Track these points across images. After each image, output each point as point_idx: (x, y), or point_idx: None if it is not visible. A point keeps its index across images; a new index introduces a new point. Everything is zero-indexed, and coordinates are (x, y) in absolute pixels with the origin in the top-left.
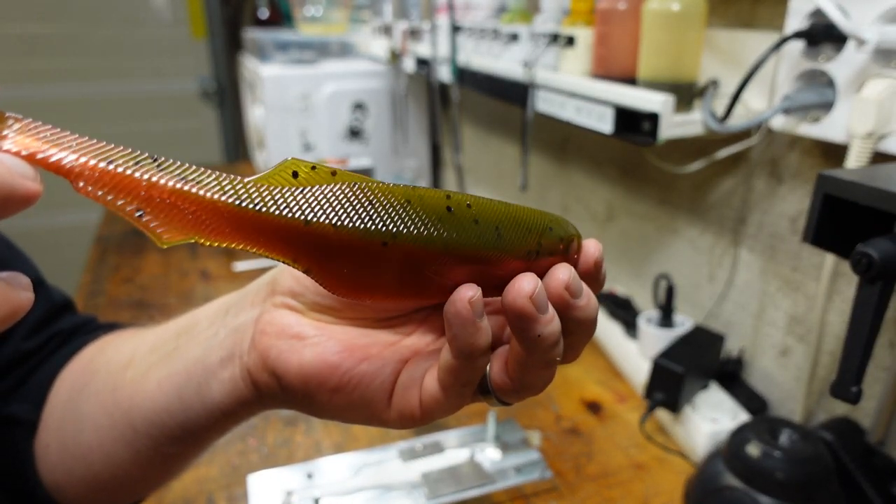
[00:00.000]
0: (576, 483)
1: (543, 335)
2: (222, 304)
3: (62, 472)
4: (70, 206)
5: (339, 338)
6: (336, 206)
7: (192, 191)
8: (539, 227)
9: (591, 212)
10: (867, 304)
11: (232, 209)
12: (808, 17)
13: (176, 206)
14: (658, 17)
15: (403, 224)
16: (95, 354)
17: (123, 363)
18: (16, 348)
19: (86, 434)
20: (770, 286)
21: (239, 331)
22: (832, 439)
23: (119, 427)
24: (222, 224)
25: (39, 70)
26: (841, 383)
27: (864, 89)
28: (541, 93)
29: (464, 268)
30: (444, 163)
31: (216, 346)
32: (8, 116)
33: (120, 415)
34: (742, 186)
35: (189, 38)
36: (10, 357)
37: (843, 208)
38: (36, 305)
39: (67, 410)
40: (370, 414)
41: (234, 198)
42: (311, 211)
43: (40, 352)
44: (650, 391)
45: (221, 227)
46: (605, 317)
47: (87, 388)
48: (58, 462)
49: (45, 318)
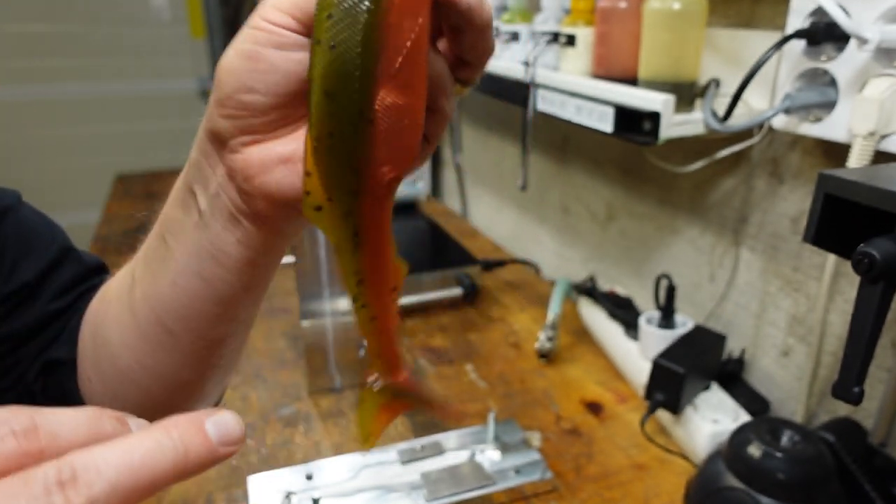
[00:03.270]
0: (576, 484)
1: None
2: (183, 187)
3: (110, 398)
4: (70, 206)
5: (302, 135)
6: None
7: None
8: None
9: (592, 212)
10: (869, 304)
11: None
12: (809, 16)
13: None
14: (659, 16)
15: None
16: (105, 290)
17: (128, 285)
18: (43, 310)
19: (121, 358)
20: (771, 286)
21: (221, 195)
22: (834, 440)
23: (154, 339)
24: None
25: (39, 70)
26: (842, 384)
27: (865, 89)
28: (541, 92)
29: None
30: (444, 162)
31: (211, 220)
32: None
33: (149, 328)
34: (743, 186)
35: (188, 37)
36: (37, 317)
37: (845, 208)
38: (64, 270)
39: (97, 345)
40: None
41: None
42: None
43: (70, 309)
44: (651, 392)
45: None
46: (606, 317)
47: (107, 318)
48: (103, 391)
49: (75, 281)
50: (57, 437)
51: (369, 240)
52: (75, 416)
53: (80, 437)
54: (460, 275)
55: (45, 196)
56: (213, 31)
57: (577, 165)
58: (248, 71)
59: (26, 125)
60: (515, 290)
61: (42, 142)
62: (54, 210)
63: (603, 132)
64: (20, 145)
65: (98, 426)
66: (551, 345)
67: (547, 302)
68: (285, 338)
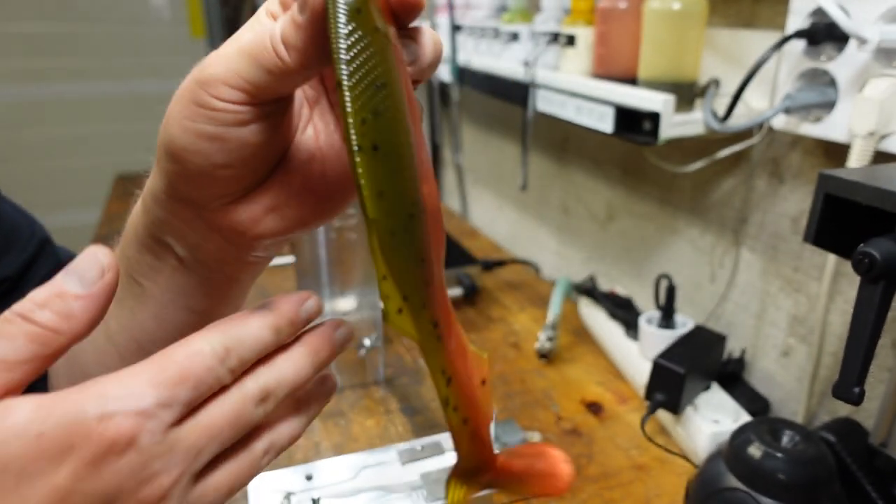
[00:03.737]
0: (576, 484)
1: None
2: (147, 237)
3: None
4: (70, 206)
5: (290, 180)
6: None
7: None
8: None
9: (592, 212)
10: (869, 304)
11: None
12: (809, 16)
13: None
14: (659, 16)
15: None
16: None
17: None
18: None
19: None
20: (771, 286)
21: (205, 245)
22: (834, 440)
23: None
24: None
25: (38, 69)
26: (843, 384)
27: (865, 89)
28: (541, 92)
29: None
30: (444, 162)
31: (196, 265)
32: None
33: (131, 356)
34: (743, 186)
35: (188, 37)
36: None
37: (845, 208)
38: (44, 264)
39: (71, 367)
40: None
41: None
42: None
43: None
44: (651, 392)
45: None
46: (606, 317)
47: (78, 344)
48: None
49: (52, 276)
50: (243, 360)
51: (448, 330)
52: (251, 333)
53: (256, 349)
54: (460, 275)
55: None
56: (213, 31)
57: (577, 165)
58: (217, 151)
59: (26, 125)
60: (515, 290)
61: (42, 142)
62: (54, 210)
63: (603, 132)
64: (20, 145)
65: (267, 346)
66: (551, 345)
67: (547, 302)
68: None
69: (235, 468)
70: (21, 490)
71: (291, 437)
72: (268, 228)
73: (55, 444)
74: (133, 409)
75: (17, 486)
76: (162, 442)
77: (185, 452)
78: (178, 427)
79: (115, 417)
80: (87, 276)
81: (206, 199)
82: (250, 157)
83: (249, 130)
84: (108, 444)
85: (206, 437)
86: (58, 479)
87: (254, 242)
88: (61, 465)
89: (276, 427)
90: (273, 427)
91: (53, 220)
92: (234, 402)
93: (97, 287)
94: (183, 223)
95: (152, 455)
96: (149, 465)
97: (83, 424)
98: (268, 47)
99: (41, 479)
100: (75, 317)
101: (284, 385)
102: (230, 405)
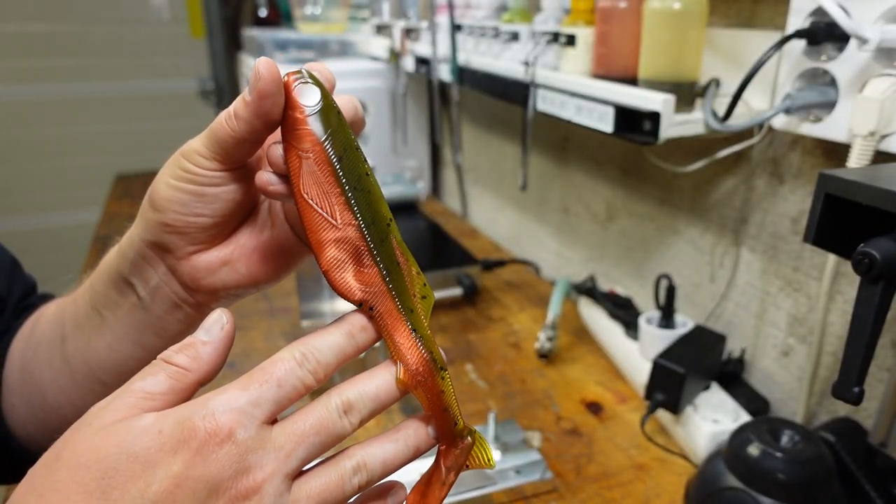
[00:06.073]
0: (576, 484)
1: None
2: (115, 274)
3: (34, 425)
4: (70, 206)
5: (244, 241)
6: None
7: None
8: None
9: (592, 212)
10: (869, 304)
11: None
12: (809, 16)
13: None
14: (659, 15)
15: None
16: (34, 327)
17: (59, 337)
18: (7, 325)
19: (51, 395)
20: (771, 286)
21: (164, 287)
22: (834, 440)
23: (87, 387)
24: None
25: (38, 69)
26: (842, 384)
27: (865, 89)
28: (541, 92)
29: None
30: (443, 162)
31: (152, 306)
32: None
33: (82, 378)
34: (743, 186)
35: (188, 37)
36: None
37: (845, 208)
38: (17, 287)
39: (25, 381)
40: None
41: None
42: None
43: (9, 330)
44: (651, 392)
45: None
46: (606, 317)
47: (36, 359)
48: (28, 417)
49: (20, 300)
50: (321, 362)
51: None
52: (325, 339)
53: (332, 352)
54: (460, 275)
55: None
56: (213, 31)
57: (577, 165)
58: (194, 202)
59: (26, 125)
60: (515, 290)
61: (42, 142)
62: (54, 210)
63: (603, 132)
64: (20, 145)
65: (344, 349)
66: (551, 345)
67: (547, 302)
68: (285, 338)
69: (325, 480)
70: (146, 476)
71: (384, 460)
72: (220, 280)
73: (172, 438)
74: (229, 408)
75: (143, 472)
76: (255, 437)
77: (276, 451)
78: (269, 427)
79: (215, 414)
80: (213, 330)
81: (175, 245)
82: (220, 210)
83: (221, 190)
84: (211, 436)
85: (293, 440)
86: (174, 467)
87: (207, 292)
88: (176, 455)
89: (366, 447)
90: (364, 447)
91: (53, 219)
92: (319, 411)
93: (219, 337)
94: (149, 266)
95: (248, 448)
96: (245, 458)
97: (192, 421)
98: (223, 122)
99: (162, 468)
100: (202, 359)
101: (366, 398)
102: (315, 413)
